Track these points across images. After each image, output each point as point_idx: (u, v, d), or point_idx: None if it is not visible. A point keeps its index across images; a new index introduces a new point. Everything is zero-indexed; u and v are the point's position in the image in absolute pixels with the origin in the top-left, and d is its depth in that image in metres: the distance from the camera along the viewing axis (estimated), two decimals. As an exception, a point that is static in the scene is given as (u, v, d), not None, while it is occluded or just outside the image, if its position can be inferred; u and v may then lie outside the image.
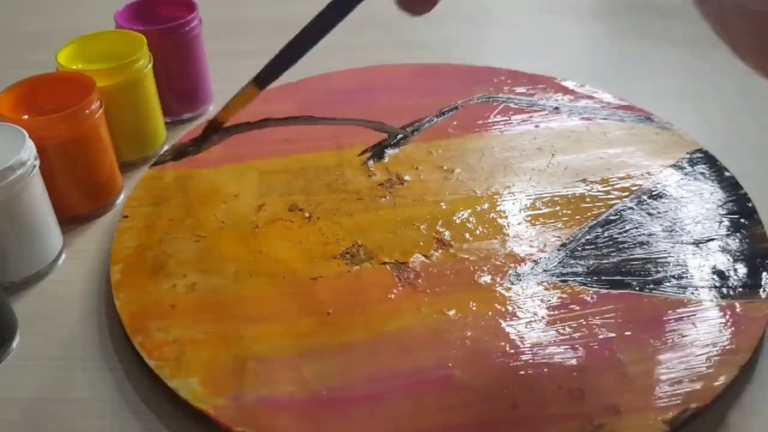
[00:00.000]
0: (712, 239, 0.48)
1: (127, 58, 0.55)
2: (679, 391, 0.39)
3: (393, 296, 0.45)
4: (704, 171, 0.54)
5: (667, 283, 0.45)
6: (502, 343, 0.42)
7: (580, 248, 0.48)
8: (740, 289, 0.44)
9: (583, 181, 0.54)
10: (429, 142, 0.59)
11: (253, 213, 0.52)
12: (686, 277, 0.45)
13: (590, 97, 0.63)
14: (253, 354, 0.42)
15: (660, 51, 0.73)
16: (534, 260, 0.47)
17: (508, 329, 0.43)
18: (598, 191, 0.53)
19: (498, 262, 0.47)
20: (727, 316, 0.43)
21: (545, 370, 0.40)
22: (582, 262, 0.47)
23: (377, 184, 0.54)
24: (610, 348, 0.41)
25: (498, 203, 0.52)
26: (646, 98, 0.63)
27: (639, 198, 0.52)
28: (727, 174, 0.54)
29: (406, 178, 0.55)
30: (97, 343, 0.44)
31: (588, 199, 0.52)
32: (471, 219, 0.51)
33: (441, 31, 0.79)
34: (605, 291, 0.45)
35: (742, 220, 0.50)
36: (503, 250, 0.48)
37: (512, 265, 0.47)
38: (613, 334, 0.42)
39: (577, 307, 0.44)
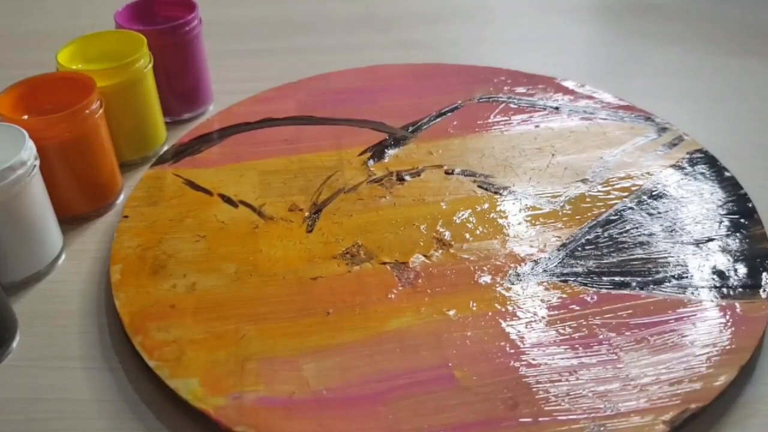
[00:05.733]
0: (712, 239, 0.48)
1: (127, 58, 0.55)
2: (679, 391, 0.39)
3: (393, 296, 0.45)
4: (704, 171, 0.54)
5: (667, 283, 0.45)
6: (502, 343, 0.42)
7: (580, 248, 0.48)
8: (740, 289, 0.44)
9: (583, 181, 0.54)
10: (429, 142, 0.59)
11: (253, 213, 0.52)
12: (686, 277, 0.45)
13: (590, 97, 0.63)
14: (253, 354, 0.42)
15: (660, 51, 0.73)
16: (534, 260, 0.47)
17: (508, 329, 0.43)
18: (598, 191, 0.53)
19: (498, 262, 0.47)
20: (727, 316, 0.43)
21: (545, 370, 0.40)
22: (582, 262, 0.47)
23: (377, 184, 0.54)
24: (610, 348, 0.41)
25: (498, 203, 0.52)
26: (646, 98, 0.64)
27: (639, 198, 0.52)
28: (727, 174, 0.54)
29: (406, 178, 0.55)
30: (97, 343, 0.44)
31: (588, 199, 0.52)
32: (471, 219, 0.51)
33: (441, 31, 0.79)
34: (605, 291, 0.45)
35: (742, 220, 0.50)
36: (503, 250, 0.48)
37: (512, 265, 0.47)
38: (613, 334, 0.42)
39: (577, 307, 0.44)
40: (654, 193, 0.52)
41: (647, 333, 0.42)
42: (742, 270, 0.46)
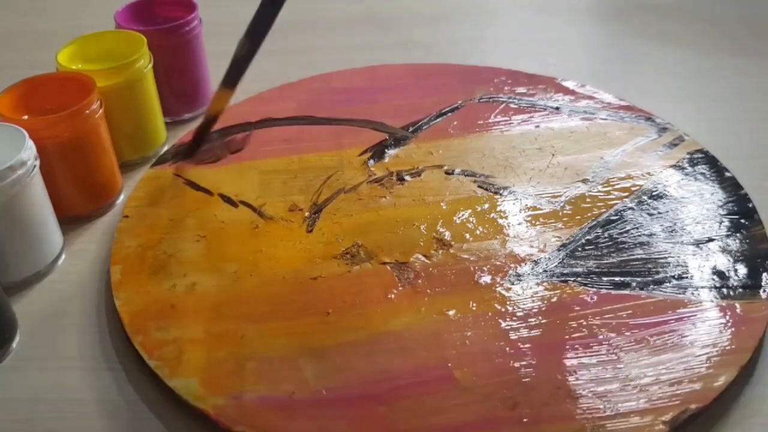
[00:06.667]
0: (713, 239, 0.48)
1: (127, 58, 0.55)
2: (678, 392, 0.39)
3: (393, 296, 0.45)
4: (705, 171, 0.54)
5: (668, 284, 0.45)
6: (502, 343, 0.42)
7: (580, 248, 0.48)
8: (740, 290, 0.44)
9: (584, 181, 0.54)
10: (429, 142, 0.59)
11: (253, 213, 0.52)
12: (686, 277, 0.45)
13: (591, 98, 0.63)
14: (253, 354, 0.42)
15: (660, 51, 0.73)
16: (534, 260, 0.47)
17: (508, 329, 0.43)
18: (599, 191, 0.53)
19: (498, 262, 0.47)
20: (728, 317, 0.43)
21: (545, 370, 0.40)
22: (582, 262, 0.47)
23: (377, 184, 0.54)
24: (610, 348, 0.41)
25: (498, 203, 0.52)
26: (647, 98, 0.64)
27: (639, 198, 0.52)
28: (727, 174, 0.54)
29: (406, 178, 0.55)
30: (97, 343, 0.44)
31: (588, 199, 0.52)
32: (471, 219, 0.51)
33: (441, 31, 0.79)
34: (605, 291, 0.45)
35: (743, 221, 0.50)
36: (503, 250, 0.48)
37: (512, 265, 0.47)
38: (613, 334, 0.42)
39: (577, 307, 0.44)
40: (654, 194, 0.52)
41: (647, 333, 0.42)
42: (742, 270, 0.46)
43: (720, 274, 0.46)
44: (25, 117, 0.51)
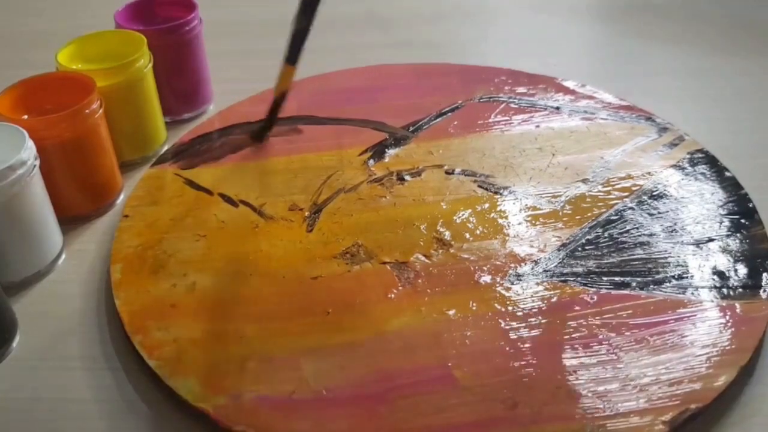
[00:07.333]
0: (713, 239, 0.48)
1: (127, 58, 0.55)
2: (678, 392, 0.39)
3: (393, 296, 0.45)
4: (705, 171, 0.54)
5: (668, 284, 0.45)
6: (502, 343, 0.42)
7: (580, 248, 0.48)
8: (740, 290, 0.44)
9: (584, 181, 0.54)
10: (429, 142, 0.59)
11: (253, 212, 0.52)
12: (686, 277, 0.45)
13: (591, 97, 0.63)
14: (252, 353, 0.42)
15: (660, 51, 0.73)
16: (534, 260, 0.47)
17: (508, 329, 0.43)
18: (599, 191, 0.53)
19: (498, 262, 0.47)
20: (728, 317, 0.43)
21: (545, 370, 0.40)
22: (582, 262, 0.47)
23: (377, 184, 0.54)
24: (610, 348, 0.41)
25: (498, 203, 0.52)
26: (647, 98, 0.63)
27: (639, 198, 0.52)
28: (727, 174, 0.54)
29: (407, 177, 0.55)
30: (97, 343, 0.44)
31: (588, 199, 0.52)
32: (471, 219, 0.51)
33: (441, 31, 0.79)
34: (605, 291, 0.45)
35: (743, 221, 0.50)
36: (503, 250, 0.48)
37: (512, 265, 0.47)
38: (613, 334, 0.42)
39: (577, 307, 0.44)
40: (654, 194, 0.52)
41: (647, 333, 0.42)
42: (742, 270, 0.46)
43: (720, 274, 0.46)
44: (25, 117, 0.51)
